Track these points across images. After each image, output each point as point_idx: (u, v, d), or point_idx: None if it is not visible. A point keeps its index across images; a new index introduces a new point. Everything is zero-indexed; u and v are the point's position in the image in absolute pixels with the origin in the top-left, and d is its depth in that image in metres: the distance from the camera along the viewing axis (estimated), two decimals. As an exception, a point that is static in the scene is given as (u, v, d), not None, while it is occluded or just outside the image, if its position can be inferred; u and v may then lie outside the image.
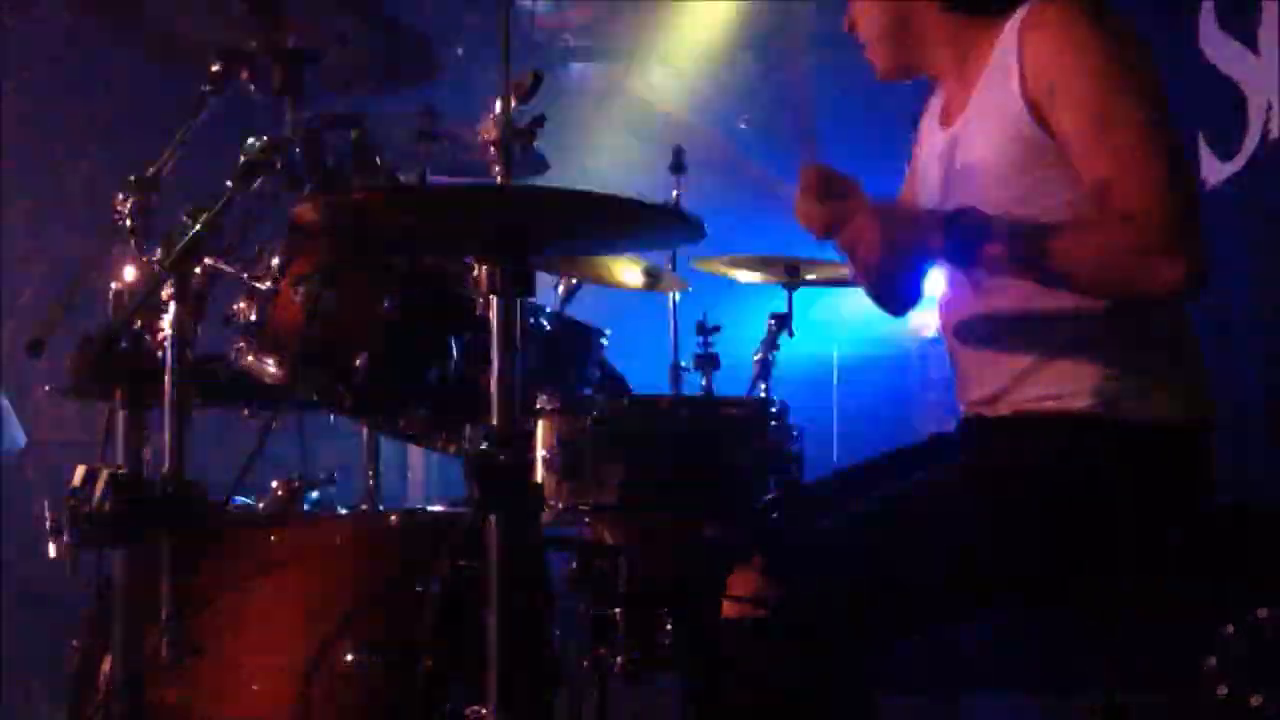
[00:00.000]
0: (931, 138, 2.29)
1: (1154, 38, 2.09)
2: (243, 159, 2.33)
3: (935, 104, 2.32)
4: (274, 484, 2.75)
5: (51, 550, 2.22)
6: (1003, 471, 2.04)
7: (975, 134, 2.13)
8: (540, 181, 3.00)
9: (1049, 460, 2.04)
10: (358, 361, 2.43)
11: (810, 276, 3.47)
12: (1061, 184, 2.03)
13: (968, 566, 1.99)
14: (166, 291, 2.27)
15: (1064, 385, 2.06)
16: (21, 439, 4.47)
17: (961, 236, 1.96)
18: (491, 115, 1.97)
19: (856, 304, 2.46)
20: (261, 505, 2.69)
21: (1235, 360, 3.93)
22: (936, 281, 2.29)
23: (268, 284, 2.45)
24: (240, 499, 2.62)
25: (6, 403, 4.43)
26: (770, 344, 3.37)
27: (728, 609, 1.96)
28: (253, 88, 2.45)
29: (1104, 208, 1.96)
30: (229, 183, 2.32)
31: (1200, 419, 2.08)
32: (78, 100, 5.17)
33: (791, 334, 3.40)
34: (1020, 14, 2.08)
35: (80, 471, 2.23)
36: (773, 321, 3.40)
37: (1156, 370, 2.06)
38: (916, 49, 2.24)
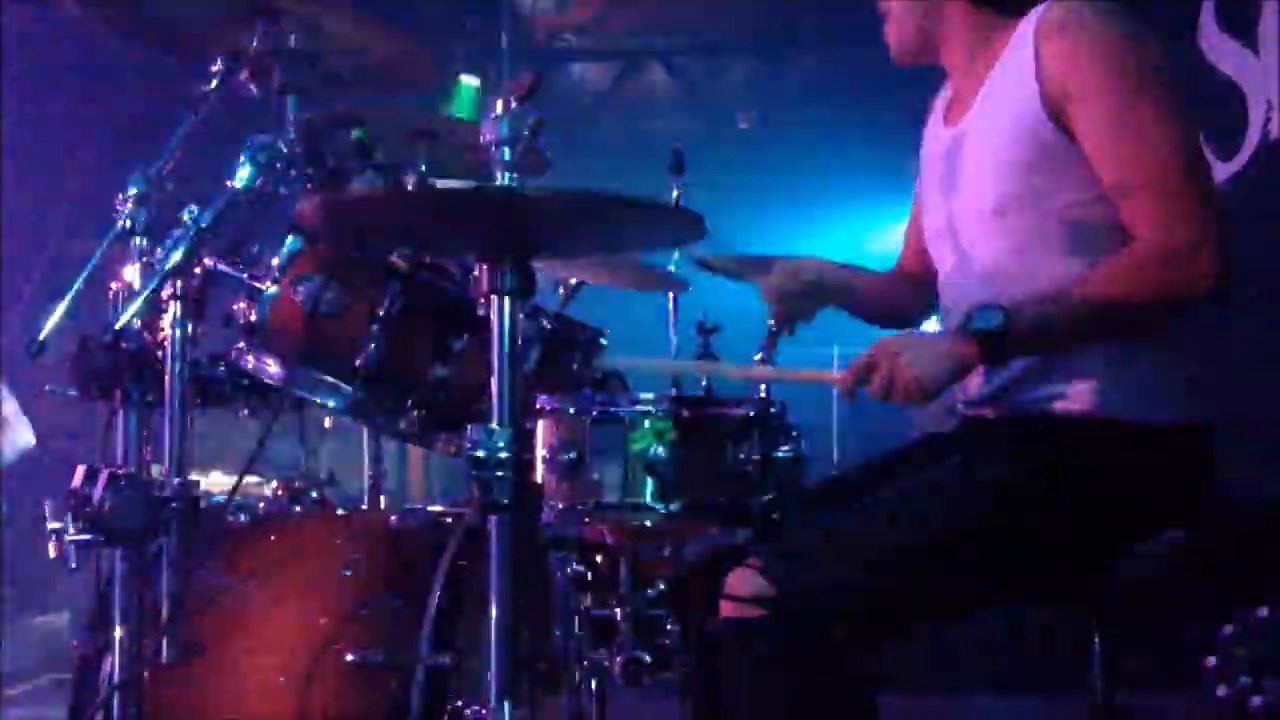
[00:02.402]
0: (936, 136, 2.30)
1: (1154, 37, 2.09)
2: (243, 158, 2.33)
3: (940, 104, 2.32)
4: (274, 484, 2.75)
5: (51, 550, 2.22)
6: (1003, 472, 2.04)
7: (982, 130, 2.13)
8: (540, 182, 2.99)
9: (1050, 461, 2.03)
10: (358, 361, 2.43)
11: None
12: (1065, 186, 2.03)
13: (966, 566, 1.99)
14: (166, 291, 2.27)
15: (1065, 386, 2.06)
16: (28, 440, 4.45)
17: (995, 346, 1.96)
18: (492, 115, 1.97)
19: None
20: (261, 505, 2.69)
21: (1236, 360, 3.93)
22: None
23: (268, 284, 2.45)
24: (240, 499, 2.61)
25: (15, 405, 4.41)
26: (770, 344, 3.36)
27: (726, 609, 1.96)
28: (253, 88, 2.45)
29: (1123, 214, 1.97)
30: (229, 182, 2.32)
31: (1201, 420, 2.08)
32: (78, 100, 5.18)
33: (792, 334, 3.39)
34: (1037, 12, 2.08)
35: (80, 471, 2.23)
36: (773, 321, 3.39)
37: (1157, 371, 2.06)
38: (936, 36, 2.24)
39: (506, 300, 1.94)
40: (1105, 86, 2.00)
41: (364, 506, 2.95)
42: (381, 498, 3.07)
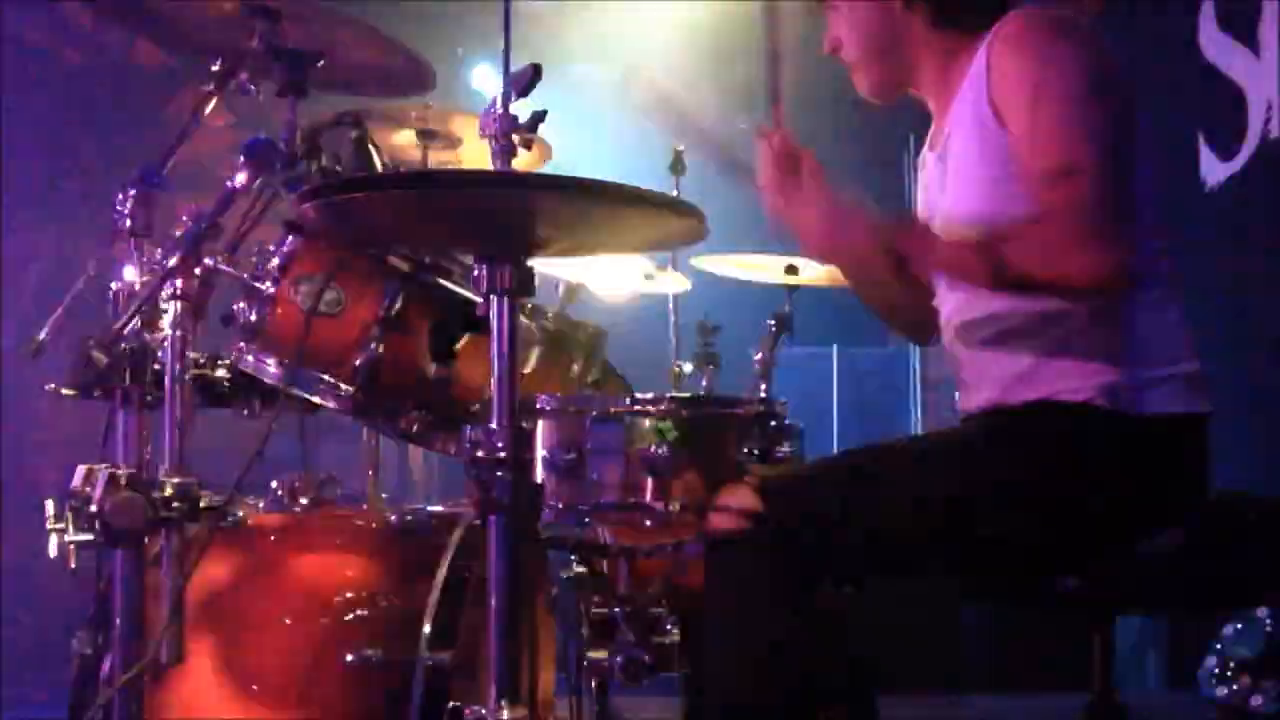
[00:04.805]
0: (924, 162, 2.32)
1: (1154, 38, 2.10)
2: (243, 158, 2.33)
3: (930, 135, 2.33)
4: (274, 484, 2.75)
5: (51, 550, 2.23)
6: (996, 456, 2.04)
7: (955, 146, 2.15)
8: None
9: (1044, 449, 2.04)
10: (358, 361, 2.43)
11: (810, 276, 3.47)
12: (1028, 196, 2.04)
13: (948, 537, 2.01)
14: (166, 291, 2.27)
15: (1060, 382, 2.06)
16: None
17: (895, 241, 2.07)
18: (492, 111, 1.97)
19: (856, 304, 2.46)
20: (261, 505, 2.69)
21: (1235, 357, 3.94)
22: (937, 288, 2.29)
23: (268, 284, 2.45)
24: (240, 499, 2.61)
25: None
26: (770, 344, 3.37)
27: (716, 520, 1.97)
28: (253, 88, 2.45)
29: (1040, 199, 1.99)
30: (229, 182, 2.32)
31: (1197, 414, 2.09)
32: (78, 100, 5.18)
33: (792, 334, 3.40)
34: (996, 26, 2.10)
35: (80, 471, 2.23)
36: (773, 321, 3.40)
37: (1153, 365, 2.07)
38: (904, 67, 2.25)
39: (506, 300, 1.94)
40: (1031, 85, 2.01)
41: (364, 506, 2.95)
42: (381, 498, 3.08)
